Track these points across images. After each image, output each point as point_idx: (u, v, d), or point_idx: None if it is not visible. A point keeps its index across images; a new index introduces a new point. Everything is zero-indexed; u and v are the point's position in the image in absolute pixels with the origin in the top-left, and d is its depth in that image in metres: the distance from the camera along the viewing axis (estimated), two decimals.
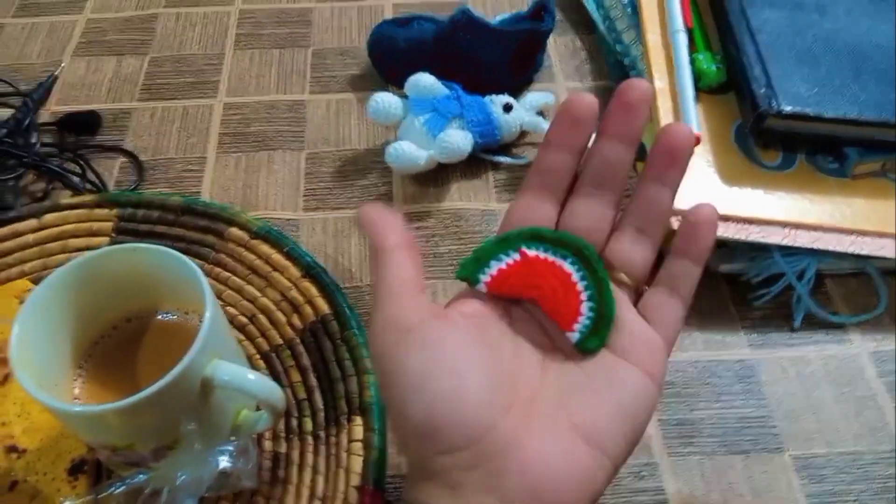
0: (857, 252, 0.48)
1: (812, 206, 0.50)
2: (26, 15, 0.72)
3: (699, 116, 0.53)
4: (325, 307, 0.47)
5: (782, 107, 0.49)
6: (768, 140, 0.52)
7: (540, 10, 0.62)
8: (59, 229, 0.51)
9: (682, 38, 0.56)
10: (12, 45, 0.69)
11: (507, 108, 0.58)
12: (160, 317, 0.42)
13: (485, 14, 0.70)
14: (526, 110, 0.60)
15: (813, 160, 0.53)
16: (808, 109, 0.50)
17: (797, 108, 0.49)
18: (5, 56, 0.68)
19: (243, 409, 0.40)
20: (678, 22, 0.57)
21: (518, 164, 0.59)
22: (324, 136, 0.61)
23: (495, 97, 0.59)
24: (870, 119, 0.50)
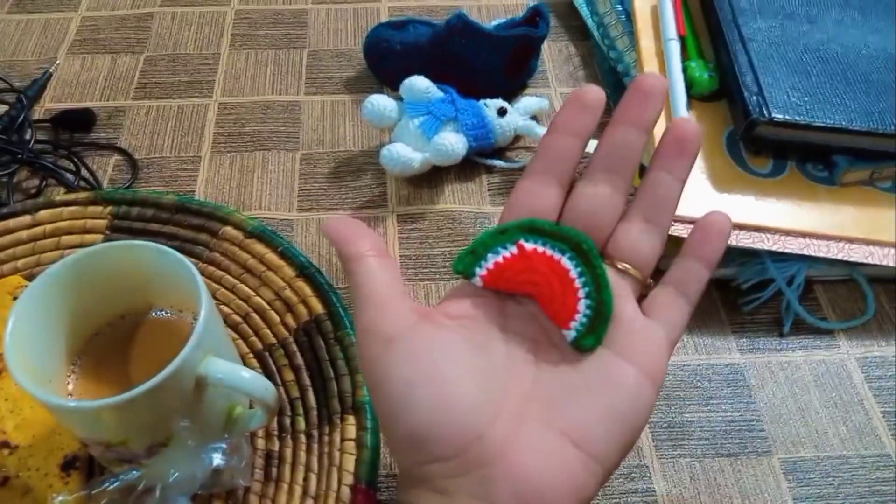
0: (845, 259, 0.49)
1: (801, 212, 0.51)
2: (21, 11, 0.71)
3: None
4: (318, 307, 0.47)
5: (773, 115, 0.50)
6: (759, 147, 0.53)
7: (535, 15, 0.62)
8: (52, 226, 0.51)
9: (674, 46, 0.57)
10: (7, 42, 0.68)
11: (502, 112, 0.59)
12: (154, 314, 0.42)
13: (480, 19, 0.71)
14: (520, 115, 0.60)
15: (803, 168, 0.53)
16: (798, 117, 0.50)
17: (787, 116, 0.50)
18: (0, 52, 0.67)
19: (237, 406, 0.40)
20: (671, 30, 0.58)
21: (512, 168, 0.59)
22: (318, 138, 0.62)
23: (490, 101, 0.59)
24: (859, 128, 0.50)
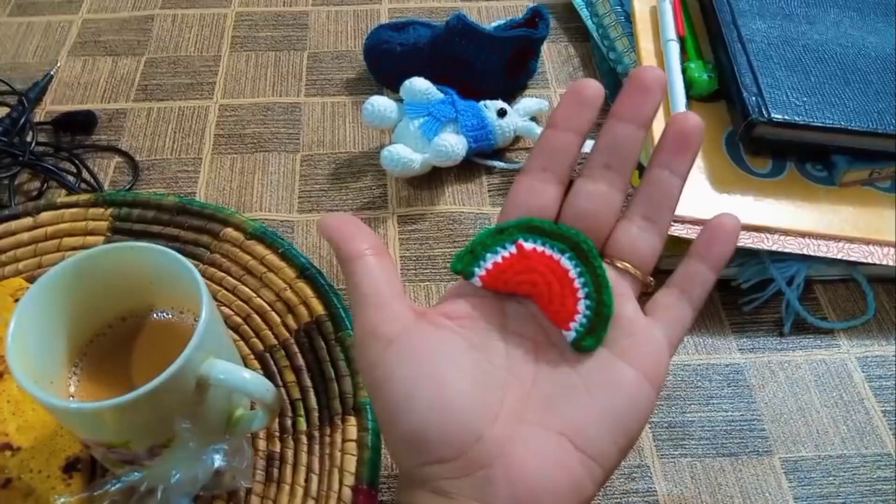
0: (845, 258, 0.49)
1: (801, 212, 0.51)
2: (22, 14, 0.72)
3: None
4: (319, 308, 0.47)
5: (772, 115, 0.50)
6: (758, 148, 0.53)
7: (534, 17, 0.63)
8: (54, 228, 0.51)
9: (674, 47, 0.57)
10: (8, 44, 0.69)
11: (502, 113, 0.59)
12: (155, 316, 0.42)
13: (479, 20, 0.71)
14: (520, 116, 0.61)
15: (802, 168, 0.54)
16: (797, 118, 0.50)
17: (786, 117, 0.50)
18: (1, 55, 0.68)
19: (238, 408, 0.40)
20: (670, 31, 0.58)
21: (512, 169, 0.60)
22: (319, 139, 0.62)
23: (489, 102, 0.59)
24: (858, 128, 0.50)
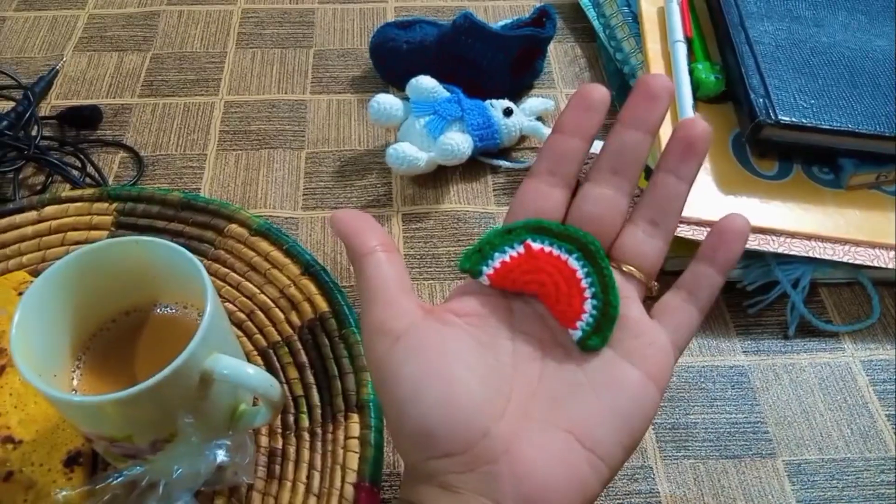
0: (850, 261, 0.49)
1: (807, 215, 0.51)
2: (29, 9, 0.72)
3: None
4: (323, 305, 0.47)
5: (779, 117, 0.50)
6: (765, 150, 0.53)
7: (541, 16, 0.63)
8: (58, 222, 0.51)
9: (681, 48, 0.57)
10: (14, 39, 0.69)
11: (508, 112, 0.59)
12: (159, 310, 0.42)
13: (486, 19, 0.71)
14: (526, 115, 0.60)
15: (809, 170, 0.53)
16: (804, 120, 0.50)
17: (794, 119, 0.50)
18: (7, 49, 0.68)
19: (241, 403, 0.40)
20: (678, 32, 0.58)
21: (517, 169, 0.59)
22: (324, 136, 0.62)
23: (495, 101, 0.59)
24: (865, 131, 0.50)
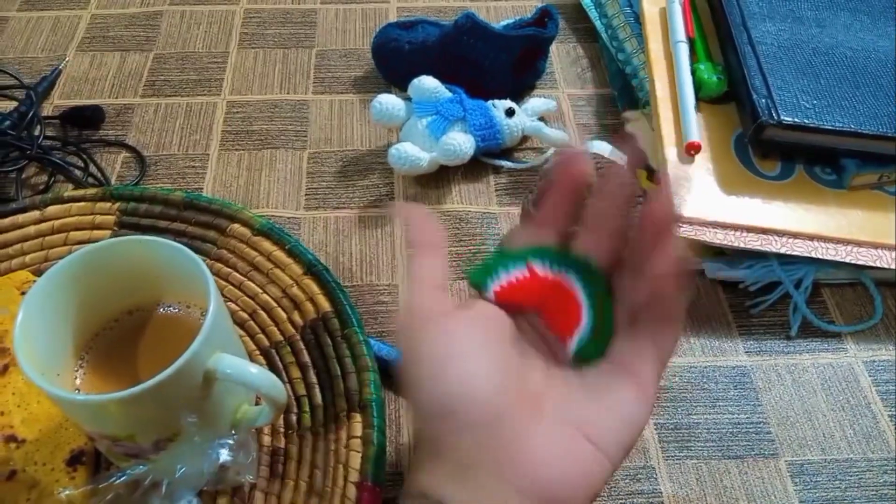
0: (853, 262, 0.49)
1: (809, 215, 0.50)
2: (31, 9, 0.72)
3: (700, 126, 0.54)
4: (326, 304, 0.47)
5: (782, 117, 0.50)
6: (767, 150, 0.53)
7: (543, 16, 0.63)
8: (61, 221, 0.51)
9: (683, 49, 0.57)
10: (17, 39, 0.69)
11: (510, 112, 0.59)
12: (162, 310, 0.42)
13: (488, 19, 0.71)
14: (528, 116, 0.60)
15: (811, 171, 0.53)
16: (806, 120, 0.50)
17: (796, 119, 0.50)
18: (10, 49, 0.68)
19: (244, 403, 0.40)
20: (680, 32, 0.58)
21: (519, 169, 0.59)
22: (326, 137, 0.62)
23: (498, 102, 0.59)
24: (868, 131, 0.50)
